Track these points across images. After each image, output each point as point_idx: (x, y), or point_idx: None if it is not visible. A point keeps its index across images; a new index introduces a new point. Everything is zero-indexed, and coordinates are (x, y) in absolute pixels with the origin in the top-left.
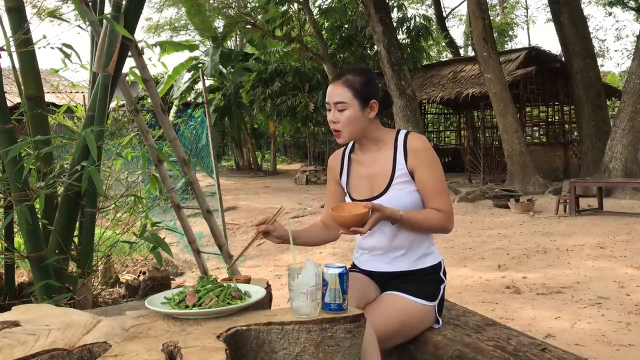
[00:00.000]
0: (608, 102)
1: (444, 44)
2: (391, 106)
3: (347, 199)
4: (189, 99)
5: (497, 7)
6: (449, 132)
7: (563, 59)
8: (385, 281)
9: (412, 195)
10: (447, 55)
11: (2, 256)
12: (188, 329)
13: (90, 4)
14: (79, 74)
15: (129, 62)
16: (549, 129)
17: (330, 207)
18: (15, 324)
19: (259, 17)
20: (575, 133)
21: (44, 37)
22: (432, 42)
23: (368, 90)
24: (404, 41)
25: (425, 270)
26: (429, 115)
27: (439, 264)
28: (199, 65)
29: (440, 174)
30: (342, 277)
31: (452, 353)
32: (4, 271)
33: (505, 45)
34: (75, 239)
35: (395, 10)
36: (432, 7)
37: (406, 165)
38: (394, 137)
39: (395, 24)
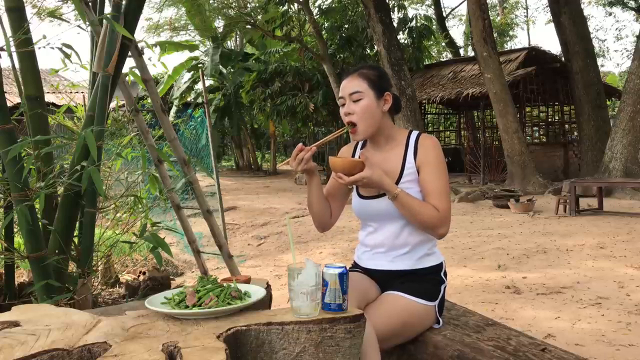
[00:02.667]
0: (608, 102)
1: (444, 44)
2: (400, 110)
3: (354, 194)
4: (189, 99)
5: (497, 7)
6: (449, 132)
7: (563, 59)
8: (386, 280)
9: (419, 195)
10: (447, 55)
11: (2, 256)
12: (188, 329)
13: (90, 4)
14: (79, 74)
15: (129, 62)
16: (549, 129)
17: (327, 190)
18: (15, 324)
19: (259, 17)
20: (575, 133)
21: (44, 37)
22: (432, 42)
23: (383, 82)
24: (405, 41)
25: (426, 270)
26: (429, 115)
27: (441, 264)
28: (199, 65)
29: (445, 176)
30: (342, 277)
31: (452, 353)
32: (4, 271)
33: (505, 45)
34: (75, 239)
35: (395, 10)
36: (432, 7)
37: (415, 163)
38: (406, 137)
39: (397, 25)
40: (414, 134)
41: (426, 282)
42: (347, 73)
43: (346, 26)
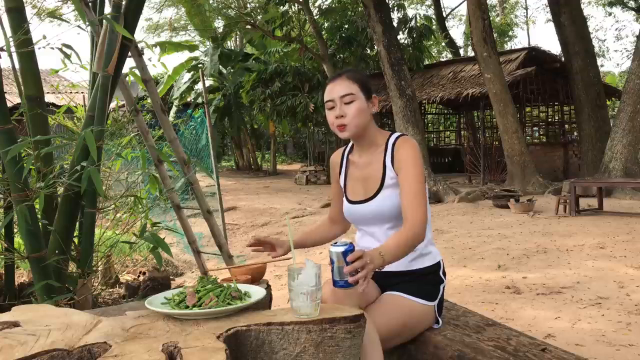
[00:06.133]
0: (608, 102)
1: (444, 44)
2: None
3: (344, 200)
4: (188, 99)
5: (497, 7)
6: (449, 132)
7: (563, 59)
8: (384, 281)
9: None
10: (447, 55)
11: (2, 256)
12: (188, 329)
13: (90, 4)
14: (79, 74)
15: (129, 62)
16: (549, 129)
17: (332, 195)
18: (15, 324)
19: (259, 17)
20: (575, 133)
21: (44, 37)
22: (432, 42)
23: (370, 85)
24: (405, 41)
25: (423, 271)
26: (429, 116)
27: (438, 264)
28: (199, 66)
29: (418, 180)
30: (347, 254)
31: (452, 353)
32: (4, 271)
33: (505, 45)
34: (75, 239)
35: (395, 10)
36: (432, 7)
37: (393, 168)
38: (386, 140)
39: (397, 25)
40: (393, 136)
41: (425, 282)
42: (333, 77)
43: (346, 26)
